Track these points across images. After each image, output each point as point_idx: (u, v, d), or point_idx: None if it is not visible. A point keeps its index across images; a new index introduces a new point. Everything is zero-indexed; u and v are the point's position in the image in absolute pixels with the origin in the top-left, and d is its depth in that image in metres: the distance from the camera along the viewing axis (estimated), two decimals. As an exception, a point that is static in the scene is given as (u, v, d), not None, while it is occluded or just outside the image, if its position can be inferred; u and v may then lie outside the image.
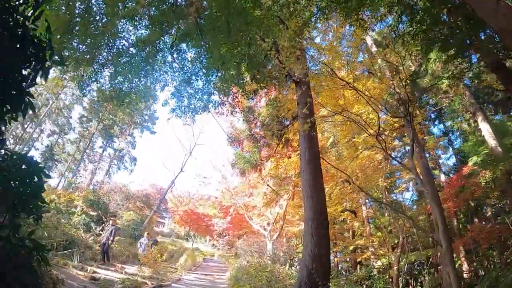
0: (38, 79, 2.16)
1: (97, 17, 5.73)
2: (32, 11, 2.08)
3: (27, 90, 2.19)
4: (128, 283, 6.68)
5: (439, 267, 15.65)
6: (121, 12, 5.58)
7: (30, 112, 2.54)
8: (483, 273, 13.84)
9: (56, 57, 2.42)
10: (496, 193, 12.76)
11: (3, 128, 2.19)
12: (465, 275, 13.94)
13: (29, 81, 2.17)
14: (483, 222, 14.91)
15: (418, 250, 15.49)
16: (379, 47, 13.19)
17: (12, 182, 2.20)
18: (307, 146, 6.68)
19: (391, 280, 14.60)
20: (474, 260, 14.56)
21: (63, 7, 5.21)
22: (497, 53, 7.56)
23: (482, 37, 8.04)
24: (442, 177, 18.21)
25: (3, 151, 2.28)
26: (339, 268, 19.54)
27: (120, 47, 6.34)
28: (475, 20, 6.29)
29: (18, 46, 2.04)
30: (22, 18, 2.05)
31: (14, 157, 2.32)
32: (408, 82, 11.30)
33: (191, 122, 7.08)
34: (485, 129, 12.47)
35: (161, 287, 8.57)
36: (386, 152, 7.46)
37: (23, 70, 2.10)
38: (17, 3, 2.04)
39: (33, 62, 2.13)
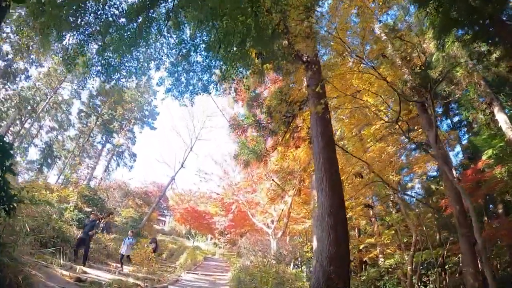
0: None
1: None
2: None
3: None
4: (116, 285, 5.88)
5: (446, 267, 14.85)
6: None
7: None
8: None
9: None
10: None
11: None
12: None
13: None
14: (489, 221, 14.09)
15: (428, 249, 14.70)
16: (389, 36, 12.39)
17: None
18: (320, 131, 5.85)
19: (400, 280, 13.80)
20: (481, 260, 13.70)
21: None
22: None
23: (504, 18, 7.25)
24: (453, 173, 17.37)
25: None
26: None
27: (110, 15, 5.52)
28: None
29: None
30: None
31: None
32: (423, 68, 10.52)
33: (190, 104, 6.27)
34: (502, 119, 11.63)
35: (155, 290, 7.79)
36: (408, 137, 6.63)
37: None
38: None
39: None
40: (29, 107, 31.31)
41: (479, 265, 11.79)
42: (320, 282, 4.34)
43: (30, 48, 28.21)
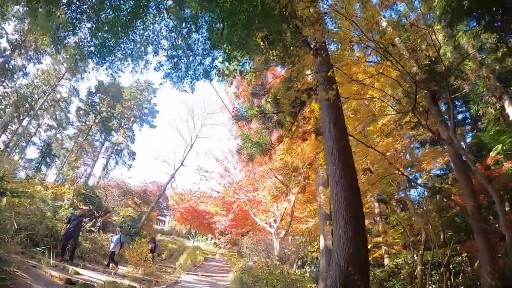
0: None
1: None
2: None
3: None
4: (110, 287, 5.39)
5: (450, 266, 14.38)
6: None
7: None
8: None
9: None
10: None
11: None
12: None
13: None
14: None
15: (434, 249, 14.25)
16: (395, 27, 11.95)
17: None
18: (332, 119, 5.37)
19: (407, 280, 13.30)
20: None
21: None
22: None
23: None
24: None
25: None
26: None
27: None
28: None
29: None
30: None
31: None
32: (433, 59, 10.11)
33: (190, 90, 5.77)
34: (513, 113, 11.19)
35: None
36: (427, 126, 6.17)
37: None
38: None
39: None
40: (27, 105, 30.87)
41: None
42: (337, 284, 3.85)
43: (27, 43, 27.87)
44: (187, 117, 33.60)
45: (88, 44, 5.20)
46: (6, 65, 27.27)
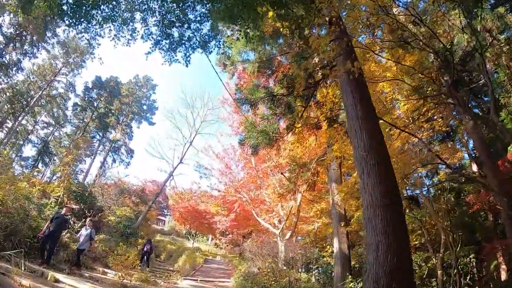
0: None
1: None
2: None
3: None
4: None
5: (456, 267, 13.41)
6: None
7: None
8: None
9: None
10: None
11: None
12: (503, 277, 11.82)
13: None
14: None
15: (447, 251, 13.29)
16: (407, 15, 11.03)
17: None
18: (358, 96, 4.37)
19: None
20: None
21: None
22: None
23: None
24: (474, 167, 15.89)
25: None
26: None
27: None
28: None
29: None
30: None
31: None
32: (451, 46, 9.22)
33: (184, 63, 4.78)
34: (536, 103, 10.25)
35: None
36: (463, 106, 5.17)
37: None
38: None
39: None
40: (23, 101, 29.98)
41: None
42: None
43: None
44: (186, 112, 32.64)
45: (62, 3, 4.20)
46: (1, 59, 26.41)
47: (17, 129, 32.90)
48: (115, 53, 72.88)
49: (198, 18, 4.73)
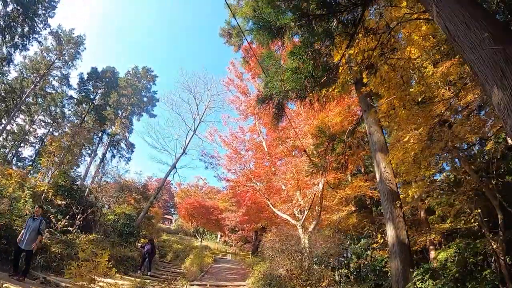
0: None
1: None
2: None
3: None
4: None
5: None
6: None
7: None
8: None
9: None
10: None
11: None
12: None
13: None
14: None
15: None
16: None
17: None
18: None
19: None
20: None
21: None
22: None
23: None
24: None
25: None
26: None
27: None
28: None
29: None
30: None
31: None
32: None
33: None
34: None
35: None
36: None
37: None
38: None
39: None
40: (17, 98, 28.38)
41: None
42: None
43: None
44: (188, 98, 30.75)
45: None
46: (-11, 52, 24.78)
47: (14, 130, 31.48)
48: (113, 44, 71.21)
49: None
